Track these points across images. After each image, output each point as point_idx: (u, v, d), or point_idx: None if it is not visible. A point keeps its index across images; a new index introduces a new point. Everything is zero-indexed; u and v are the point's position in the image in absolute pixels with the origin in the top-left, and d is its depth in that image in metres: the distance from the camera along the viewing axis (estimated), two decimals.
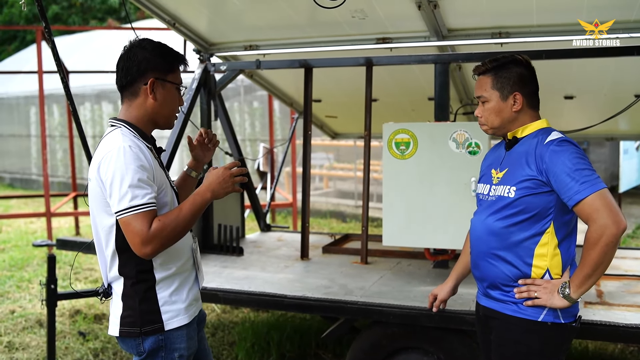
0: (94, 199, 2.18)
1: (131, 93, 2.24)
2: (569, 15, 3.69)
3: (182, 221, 2.12)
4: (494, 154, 2.53)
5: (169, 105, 2.27)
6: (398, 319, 3.23)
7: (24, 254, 8.15)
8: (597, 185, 2.12)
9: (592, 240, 2.11)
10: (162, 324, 2.20)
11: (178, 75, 2.29)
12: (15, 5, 22.54)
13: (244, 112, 12.86)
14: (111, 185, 2.07)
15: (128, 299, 2.20)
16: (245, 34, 4.61)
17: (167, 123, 2.33)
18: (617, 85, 4.88)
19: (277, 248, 4.97)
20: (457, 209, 3.72)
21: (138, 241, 2.06)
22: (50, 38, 3.42)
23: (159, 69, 2.22)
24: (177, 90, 2.29)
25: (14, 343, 4.80)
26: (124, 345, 2.27)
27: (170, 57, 2.26)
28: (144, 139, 2.24)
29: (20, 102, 17.08)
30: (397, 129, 3.88)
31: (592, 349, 4.62)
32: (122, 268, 2.19)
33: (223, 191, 2.20)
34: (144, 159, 2.12)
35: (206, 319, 2.60)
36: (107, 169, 2.08)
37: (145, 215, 2.06)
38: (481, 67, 2.42)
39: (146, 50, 2.22)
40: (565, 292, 2.19)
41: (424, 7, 3.68)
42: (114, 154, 2.08)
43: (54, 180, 15.36)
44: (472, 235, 2.46)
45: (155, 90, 2.22)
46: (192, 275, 2.35)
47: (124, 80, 2.23)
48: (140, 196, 2.06)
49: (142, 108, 2.24)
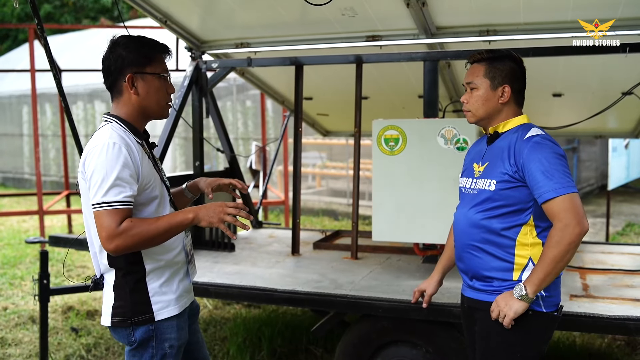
0: (83, 192, 2.23)
1: (116, 91, 2.27)
2: (555, 14, 3.75)
3: (154, 230, 2.11)
4: (476, 148, 2.59)
5: (153, 96, 2.27)
6: (387, 313, 3.28)
7: (17, 252, 8.16)
8: (569, 189, 2.19)
9: (556, 239, 2.18)
10: (152, 314, 2.24)
11: (159, 65, 2.28)
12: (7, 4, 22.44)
13: (237, 111, 12.88)
14: (90, 179, 2.12)
15: (119, 290, 2.23)
16: (237, 32, 4.65)
17: (158, 113, 2.33)
18: (605, 83, 4.94)
19: (269, 244, 5.01)
20: (446, 205, 3.75)
21: (104, 235, 2.08)
22: (42, 35, 3.44)
23: (135, 63, 2.23)
24: (161, 78, 2.29)
25: (6, 339, 4.83)
26: (116, 335, 2.31)
27: (145, 49, 2.26)
28: (135, 134, 2.26)
29: (12, 101, 17.03)
30: (386, 125, 3.93)
31: (580, 343, 4.68)
32: (111, 259, 2.23)
33: (207, 219, 2.17)
34: (129, 156, 2.14)
35: (199, 311, 2.64)
36: (90, 163, 2.13)
37: (116, 213, 2.08)
38: (477, 56, 2.47)
39: (121, 47, 2.23)
40: (522, 293, 2.24)
41: (412, 5, 3.73)
42: (98, 149, 2.12)
43: (47, 180, 15.34)
44: (456, 228, 2.51)
45: (135, 84, 2.24)
46: (183, 268, 2.38)
47: (108, 81, 2.28)
48: (115, 194, 2.08)
49: (129, 104, 2.27)
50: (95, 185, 2.09)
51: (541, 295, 2.30)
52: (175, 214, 2.18)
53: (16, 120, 17.06)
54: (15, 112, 17.05)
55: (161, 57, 2.30)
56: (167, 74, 2.32)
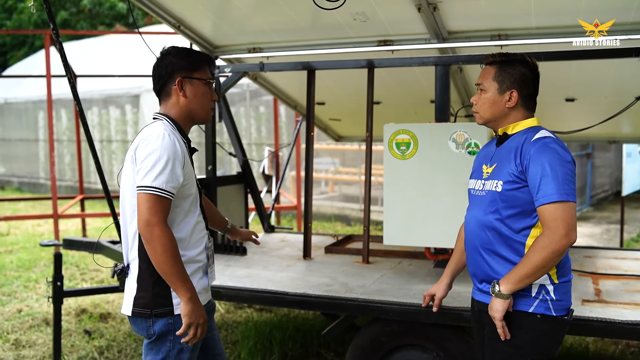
0: (126, 179, 2.36)
1: (165, 94, 2.45)
2: (567, 18, 3.74)
3: (167, 257, 2.22)
4: (486, 150, 2.59)
5: (200, 100, 2.45)
6: (397, 316, 3.28)
7: (31, 255, 8.24)
8: (564, 197, 2.19)
9: (542, 244, 2.19)
10: (172, 307, 2.34)
11: (205, 73, 2.47)
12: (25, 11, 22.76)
13: (250, 117, 12.94)
14: (142, 162, 2.26)
15: (142, 281, 2.35)
16: (249, 37, 4.69)
17: (202, 116, 2.50)
18: (618, 87, 4.92)
19: (280, 248, 5.02)
20: (457, 209, 3.74)
21: (143, 220, 2.22)
22: (58, 40, 3.48)
23: (185, 68, 2.41)
24: (207, 85, 2.46)
25: (20, 341, 4.87)
26: (135, 327, 2.40)
27: (193, 57, 2.46)
28: (181, 134, 2.43)
29: (28, 106, 17.22)
30: (398, 130, 3.94)
31: (593, 349, 4.64)
32: (141, 249, 2.33)
33: (193, 316, 2.29)
34: (179, 149, 2.31)
35: (215, 310, 2.73)
36: (144, 150, 2.27)
37: (163, 202, 2.23)
38: (490, 58, 2.49)
39: (171, 55, 2.44)
40: (495, 289, 2.27)
41: (423, 10, 3.74)
42: (153, 137, 2.28)
43: (62, 184, 15.48)
44: (466, 230, 2.51)
45: (184, 87, 2.41)
46: (203, 268, 2.49)
47: (158, 86, 2.46)
48: (162, 182, 2.23)
49: (176, 106, 2.44)
50: (145, 169, 2.24)
51: (551, 298, 2.30)
52: (188, 280, 2.30)
53: (32, 125, 17.25)
54: (32, 118, 17.24)
55: (206, 67, 2.49)
56: (212, 81, 2.51)
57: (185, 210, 2.38)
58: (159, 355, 2.36)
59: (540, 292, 2.30)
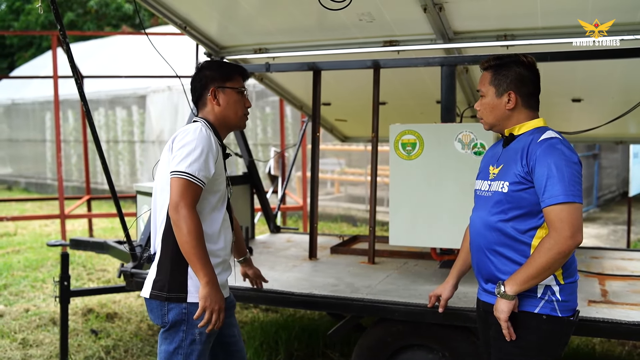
0: (162, 169, 2.52)
1: (202, 104, 2.66)
2: (573, 18, 3.72)
3: (188, 238, 2.32)
4: (492, 151, 2.59)
5: (232, 107, 2.64)
6: (403, 316, 3.28)
7: (39, 255, 8.28)
8: (570, 198, 2.18)
9: (548, 246, 2.19)
10: (186, 294, 2.43)
11: (237, 82, 2.67)
12: (32, 12, 22.88)
13: (256, 118, 12.95)
14: (179, 150, 2.41)
15: (162, 266, 2.47)
16: (255, 38, 4.69)
17: (237, 123, 2.69)
18: (625, 88, 4.90)
19: (286, 248, 5.03)
20: (463, 209, 3.73)
21: (174, 202, 2.35)
22: (65, 41, 3.50)
23: (217, 78, 2.62)
24: (239, 93, 2.65)
25: (28, 340, 4.90)
26: (152, 314, 2.50)
27: (226, 69, 2.69)
28: (217, 138, 2.59)
29: (36, 107, 17.30)
30: (404, 130, 3.94)
31: (599, 350, 4.63)
32: (165, 236, 2.46)
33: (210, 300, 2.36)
34: (214, 144, 2.47)
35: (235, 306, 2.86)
36: (182, 140, 2.43)
37: (194, 188, 2.36)
38: (485, 63, 2.50)
39: (205, 69, 2.65)
40: (501, 290, 2.27)
41: (429, 10, 3.74)
42: (191, 130, 2.46)
43: (69, 185, 15.53)
44: (472, 231, 2.51)
45: (217, 96, 2.62)
46: (223, 263, 2.57)
47: (195, 97, 2.68)
48: (198, 170, 2.37)
49: (212, 114, 2.63)
50: (180, 156, 2.39)
51: (557, 299, 2.30)
52: (209, 265, 2.38)
53: (39, 126, 17.32)
54: (39, 118, 17.31)
55: (239, 77, 2.69)
56: (244, 90, 2.69)
57: (212, 206, 2.51)
58: (172, 345, 2.44)
59: (546, 293, 2.30)
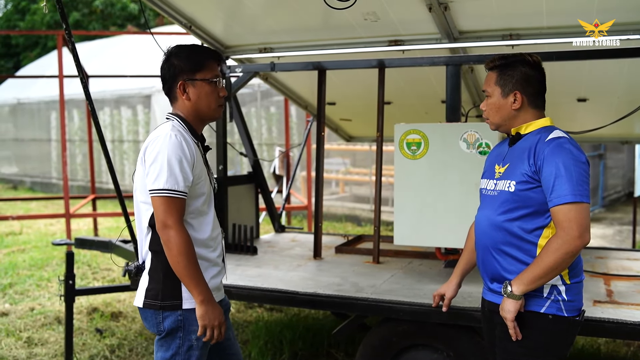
0: (138, 179, 2.38)
1: (173, 97, 2.47)
2: (578, 17, 3.71)
3: (179, 259, 2.26)
4: (498, 149, 2.58)
5: (204, 100, 2.44)
6: (408, 316, 3.27)
7: (44, 254, 8.30)
8: (578, 197, 2.17)
9: (555, 246, 2.18)
10: (180, 301, 2.36)
11: (209, 71, 2.43)
12: (38, 12, 22.95)
13: (261, 117, 12.96)
14: (151, 165, 2.29)
15: (154, 274, 2.39)
16: (260, 37, 4.70)
17: (210, 115, 2.49)
18: (631, 87, 4.88)
19: (291, 248, 5.03)
20: (468, 209, 3.73)
21: (160, 222, 2.27)
22: (70, 40, 3.50)
23: (186, 70, 2.40)
24: (211, 83, 2.43)
25: (33, 339, 4.91)
26: (147, 323, 2.43)
27: (195, 57, 2.43)
28: (192, 134, 2.44)
29: (41, 107, 17.35)
30: (409, 130, 3.94)
31: (604, 350, 4.62)
32: (152, 244, 2.38)
33: (208, 318, 2.32)
34: (186, 149, 2.31)
35: (230, 309, 2.75)
36: (152, 151, 2.30)
37: (177, 202, 2.27)
38: (490, 63, 2.49)
39: (174, 56, 2.43)
40: (508, 290, 2.26)
41: (434, 10, 3.74)
42: (161, 139, 2.30)
43: (74, 184, 15.58)
44: (477, 230, 2.50)
45: (187, 90, 2.42)
46: (216, 266, 2.50)
47: (165, 88, 2.49)
48: (176, 183, 2.26)
49: (183, 108, 2.45)
50: (155, 172, 2.27)
51: (562, 299, 2.29)
52: (203, 282, 2.32)
53: (44, 125, 17.37)
54: (44, 118, 17.36)
55: (212, 63, 2.45)
56: (217, 79, 2.46)
57: (199, 210, 2.41)
58: (169, 352, 2.38)
59: (552, 293, 2.29)
